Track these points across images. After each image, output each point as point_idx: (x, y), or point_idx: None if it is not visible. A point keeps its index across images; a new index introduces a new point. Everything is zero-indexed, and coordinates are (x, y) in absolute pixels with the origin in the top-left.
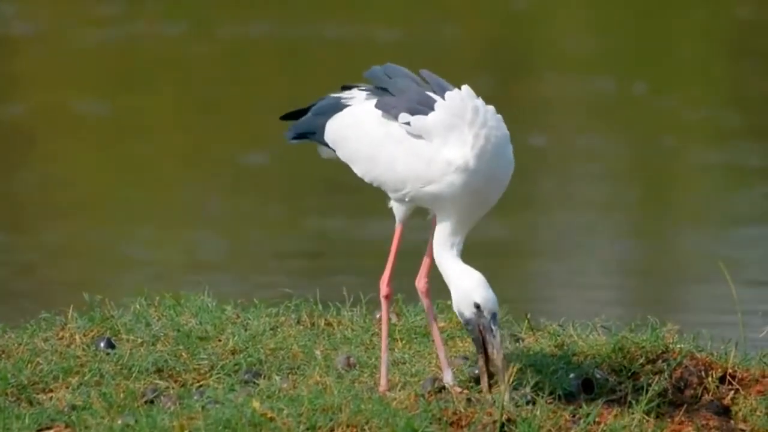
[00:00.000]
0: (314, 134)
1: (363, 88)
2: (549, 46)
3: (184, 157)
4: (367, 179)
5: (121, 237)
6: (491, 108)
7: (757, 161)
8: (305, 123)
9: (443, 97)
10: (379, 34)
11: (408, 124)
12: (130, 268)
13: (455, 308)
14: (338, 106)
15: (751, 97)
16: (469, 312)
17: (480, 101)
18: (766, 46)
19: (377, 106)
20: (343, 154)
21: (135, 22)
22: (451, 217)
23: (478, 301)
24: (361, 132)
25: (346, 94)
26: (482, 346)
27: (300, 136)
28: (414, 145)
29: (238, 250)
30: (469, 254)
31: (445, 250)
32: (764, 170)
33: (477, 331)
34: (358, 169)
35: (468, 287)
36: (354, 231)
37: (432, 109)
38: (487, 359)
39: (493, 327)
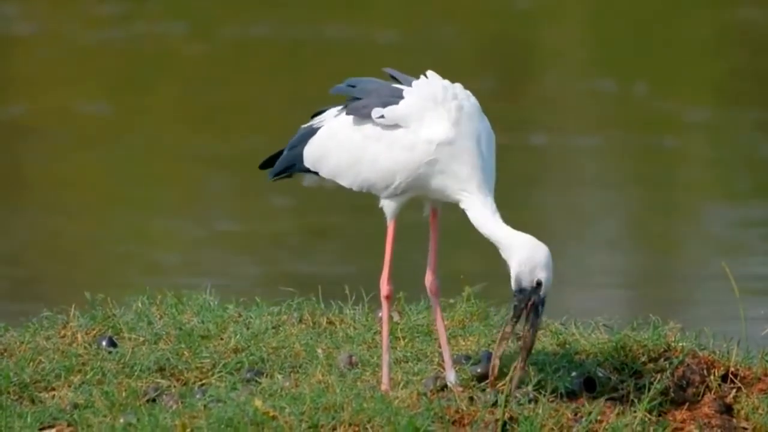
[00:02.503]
0: (294, 165)
1: (332, 107)
2: (550, 47)
3: (185, 156)
4: (355, 188)
5: (123, 235)
6: (458, 84)
7: (759, 160)
8: (284, 160)
9: (410, 86)
10: (379, 35)
11: (382, 117)
12: (131, 267)
13: (514, 274)
14: (312, 132)
15: (752, 98)
16: (528, 284)
17: (447, 81)
18: (767, 45)
19: (348, 111)
20: (326, 172)
21: (136, 22)
22: (469, 188)
23: (543, 280)
24: (339, 143)
25: (316, 119)
26: (517, 317)
27: (281, 172)
28: (393, 136)
29: (239, 248)
30: (469, 253)
31: (491, 219)
32: (767, 169)
33: (525, 303)
34: (344, 181)
35: (538, 262)
36: (355, 228)
37: (402, 98)
38: (513, 328)
39: (540, 307)
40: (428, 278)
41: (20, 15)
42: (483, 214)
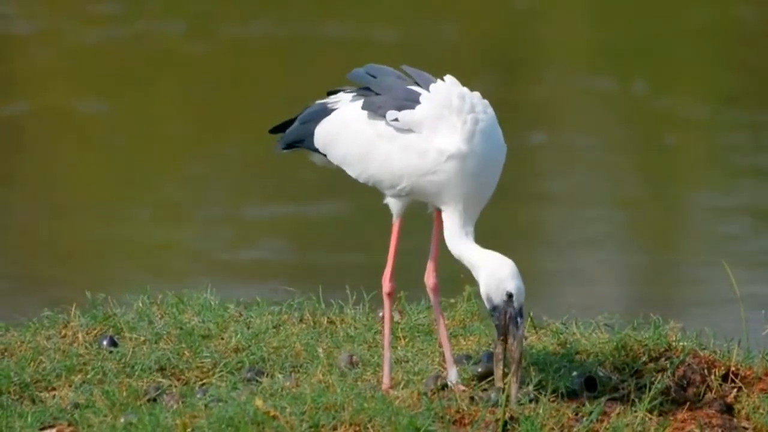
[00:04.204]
0: (303, 141)
1: (348, 90)
2: (550, 45)
3: (185, 154)
4: (361, 179)
5: (123, 235)
6: (477, 93)
7: (758, 159)
8: (293, 132)
9: (428, 90)
10: (379, 33)
11: (396, 120)
12: (131, 266)
13: (483, 293)
14: (325, 111)
15: (751, 96)
16: (498, 299)
17: (465, 89)
18: (766, 44)
19: (364, 107)
20: (335, 158)
21: (135, 20)
22: (455, 207)
23: (512, 291)
24: (351, 134)
25: (332, 98)
26: (503, 335)
27: (290, 145)
28: (405, 140)
29: (240, 246)
30: None
31: (460, 240)
32: (766, 168)
33: (503, 318)
34: (351, 171)
35: (503, 275)
36: (355, 226)
37: (418, 102)
38: (503, 348)
39: (518, 319)
40: (428, 275)
41: (19, 14)
42: (455, 235)
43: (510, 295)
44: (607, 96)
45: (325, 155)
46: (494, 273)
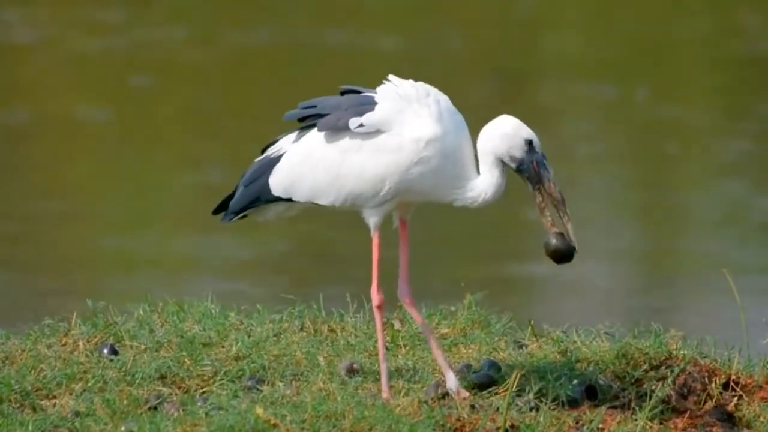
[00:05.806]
0: (258, 199)
1: (284, 135)
2: (551, 53)
3: (187, 163)
4: (338, 204)
5: (124, 243)
6: (421, 82)
7: (760, 167)
8: (242, 198)
9: (375, 92)
10: (381, 42)
11: (362, 125)
12: (133, 275)
13: (505, 155)
14: (271, 161)
15: (753, 104)
16: (520, 152)
17: (411, 81)
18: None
19: (320, 128)
20: (302, 195)
21: (137, 28)
22: (456, 186)
23: (529, 137)
24: (315, 163)
25: (271, 150)
26: (538, 183)
27: (243, 209)
28: (376, 143)
29: (241, 255)
30: (471, 261)
31: (479, 188)
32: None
33: (532, 168)
34: (325, 200)
35: (509, 131)
36: (357, 235)
37: (375, 103)
38: (542, 195)
39: (545, 161)
40: (403, 294)
41: (21, 21)
42: (474, 195)
43: (529, 142)
44: (608, 104)
45: (288, 199)
46: (502, 134)
